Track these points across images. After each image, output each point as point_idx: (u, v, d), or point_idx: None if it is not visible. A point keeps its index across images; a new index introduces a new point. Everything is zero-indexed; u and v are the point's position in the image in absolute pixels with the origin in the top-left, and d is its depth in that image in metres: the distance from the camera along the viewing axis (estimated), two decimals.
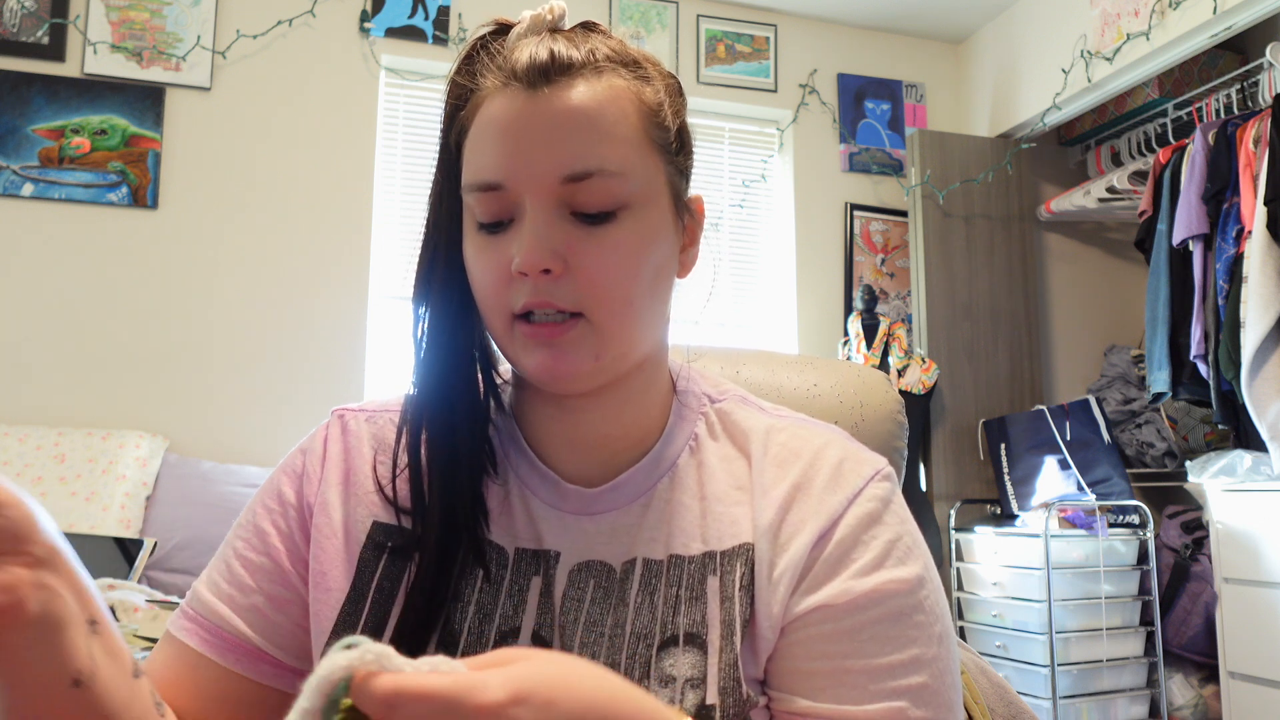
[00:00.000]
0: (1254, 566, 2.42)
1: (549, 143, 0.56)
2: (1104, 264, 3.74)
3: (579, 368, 0.57)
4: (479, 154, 0.58)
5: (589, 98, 0.57)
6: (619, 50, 0.60)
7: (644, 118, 0.59)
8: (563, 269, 0.56)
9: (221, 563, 0.65)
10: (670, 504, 0.62)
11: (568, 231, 0.56)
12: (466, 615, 0.59)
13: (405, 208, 3.09)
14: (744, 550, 0.59)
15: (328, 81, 3.00)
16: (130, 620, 1.39)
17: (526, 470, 0.64)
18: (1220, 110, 2.91)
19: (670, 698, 0.56)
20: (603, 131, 0.56)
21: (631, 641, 0.58)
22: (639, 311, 0.58)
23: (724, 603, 0.58)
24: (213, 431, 2.75)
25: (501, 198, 0.57)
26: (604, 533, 0.62)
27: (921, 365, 3.14)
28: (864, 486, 0.60)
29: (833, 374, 0.95)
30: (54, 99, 2.76)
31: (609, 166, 0.56)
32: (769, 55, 3.49)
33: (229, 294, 2.84)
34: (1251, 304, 2.44)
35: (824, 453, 0.62)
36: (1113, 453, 3.01)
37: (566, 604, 0.60)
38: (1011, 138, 3.50)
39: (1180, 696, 2.83)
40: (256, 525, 0.65)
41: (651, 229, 0.59)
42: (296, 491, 0.65)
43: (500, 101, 0.57)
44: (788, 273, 3.43)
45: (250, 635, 0.62)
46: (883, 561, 0.57)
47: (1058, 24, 3.22)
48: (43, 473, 2.35)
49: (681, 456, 0.64)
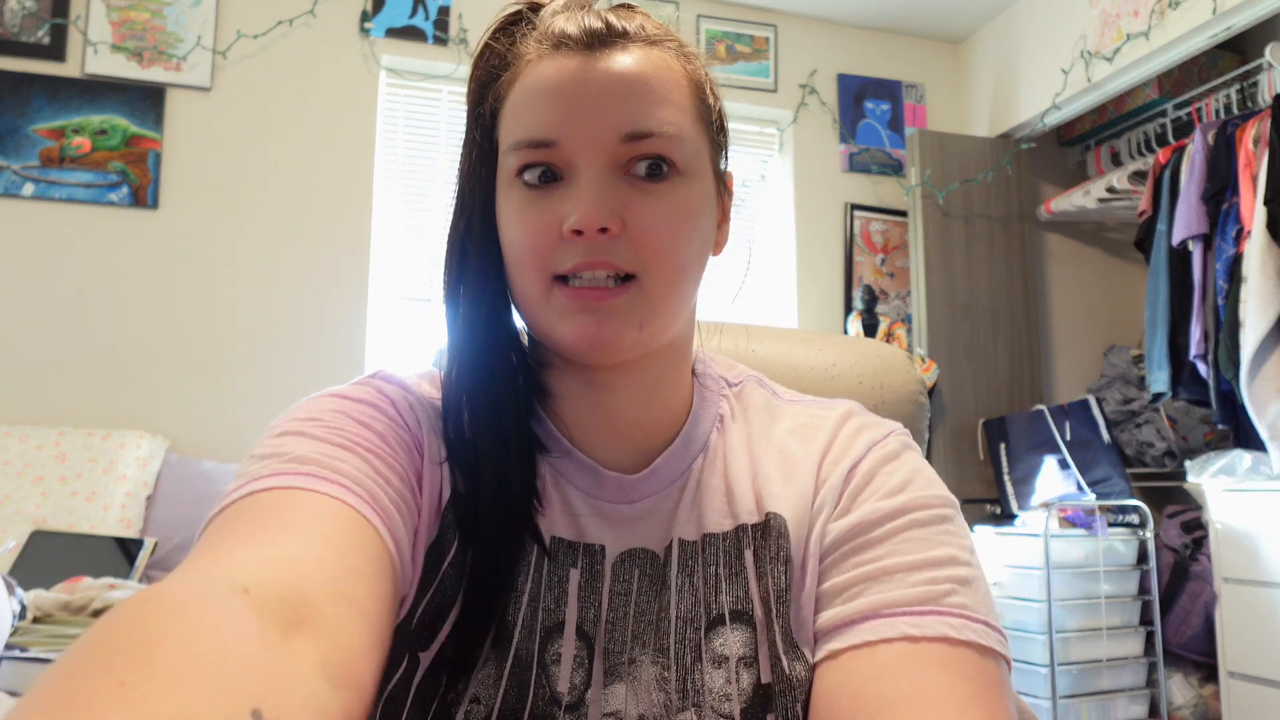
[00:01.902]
0: (1254, 566, 2.42)
1: (608, 102, 0.55)
2: (1104, 264, 3.74)
3: (622, 337, 0.55)
4: (529, 113, 0.56)
5: (646, 62, 0.57)
6: (664, 28, 0.60)
7: (694, 91, 0.59)
8: (620, 228, 0.54)
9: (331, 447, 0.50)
10: (702, 484, 0.61)
11: (623, 192, 0.55)
12: (520, 607, 0.57)
13: (406, 208, 3.10)
14: (772, 521, 0.59)
15: (328, 81, 3.01)
16: None
17: (560, 457, 0.61)
18: (1220, 110, 2.91)
19: (726, 678, 0.55)
20: (660, 96, 0.56)
21: (679, 626, 0.57)
22: (687, 278, 0.58)
23: (760, 578, 0.58)
24: (213, 431, 2.75)
25: (553, 154, 0.55)
26: (643, 519, 0.60)
27: (921, 365, 3.14)
28: (882, 438, 0.61)
29: (852, 352, 0.91)
30: (54, 99, 2.76)
31: (666, 130, 0.56)
32: (769, 55, 3.49)
33: (229, 294, 2.84)
34: (1251, 304, 2.44)
35: (844, 424, 0.63)
36: (1112, 452, 3.01)
37: (615, 599, 0.58)
38: (1011, 138, 3.50)
39: (1180, 696, 2.84)
40: (359, 419, 0.53)
41: (699, 199, 0.58)
42: (395, 412, 0.57)
43: (553, 64, 0.56)
44: (788, 272, 3.43)
45: (398, 526, 0.50)
46: (908, 484, 0.58)
47: (1057, 24, 3.22)
48: (43, 473, 2.36)
49: (711, 436, 0.63)
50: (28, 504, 2.27)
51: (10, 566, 1.83)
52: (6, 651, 1.14)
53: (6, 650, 1.15)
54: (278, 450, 0.49)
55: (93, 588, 1.52)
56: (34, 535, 1.93)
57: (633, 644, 0.57)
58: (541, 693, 0.56)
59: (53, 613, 1.43)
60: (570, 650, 0.57)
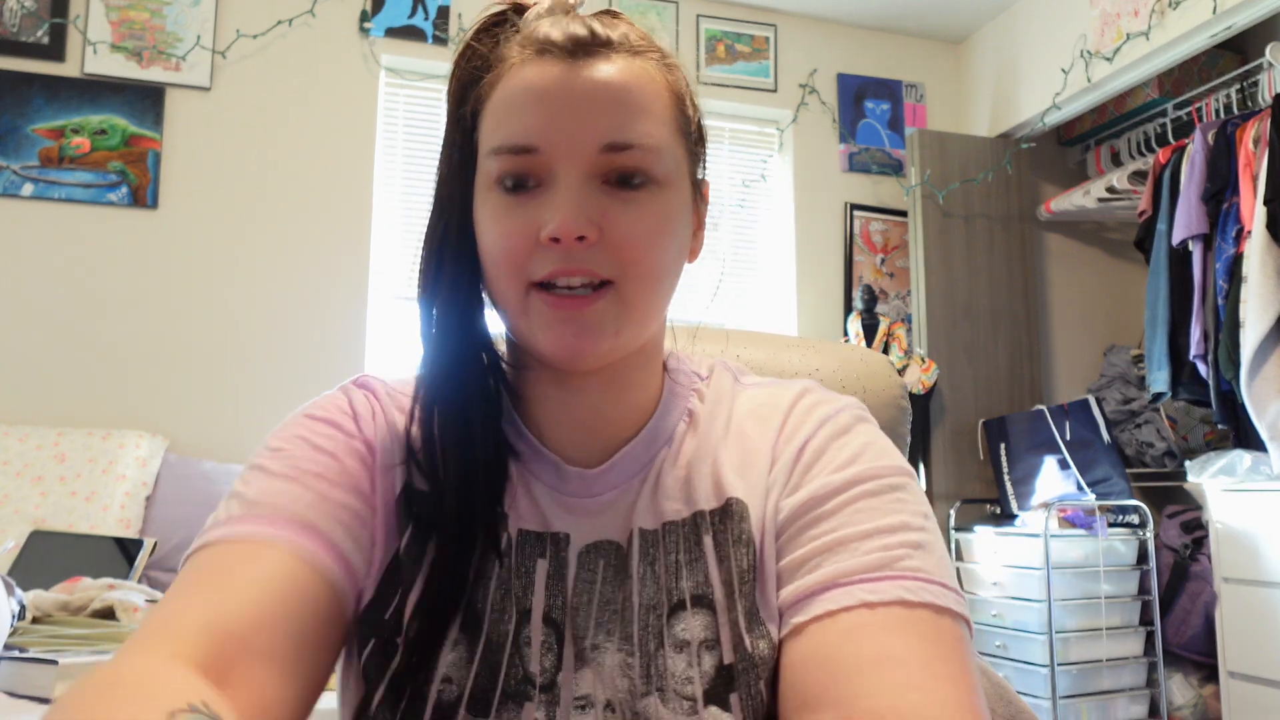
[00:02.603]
0: (1254, 566, 2.42)
1: (591, 111, 0.55)
2: (1104, 264, 3.74)
3: (599, 344, 0.57)
4: (510, 118, 0.57)
5: (628, 74, 0.57)
6: (648, 38, 0.61)
7: (674, 103, 0.60)
8: (597, 236, 0.55)
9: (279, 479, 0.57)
10: (660, 475, 0.63)
11: (601, 200, 0.56)
12: (489, 593, 0.59)
13: (405, 207, 3.10)
14: (731, 505, 0.60)
15: (328, 81, 3.01)
16: (130, 620, 1.39)
17: (527, 453, 0.63)
18: (1220, 110, 2.91)
19: (688, 661, 0.56)
20: (641, 107, 0.57)
21: (642, 613, 0.58)
22: (663, 286, 0.59)
23: (721, 562, 0.59)
24: (213, 431, 2.75)
25: (532, 162, 0.56)
26: (606, 512, 0.62)
27: (921, 365, 3.14)
28: (834, 414, 0.63)
29: (834, 357, 0.94)
30: (54, 99, 2.76)
31: (646, 142, 0.56)
32: (769, 55, 3.49)
33: (229, 294, 2.84)
34: (1251, 304, 2.44)
35: (798, 402, 0.65)
36: (1112, 452, 3.01)
37: (579, 586, 0.60)
38: (1011, 138, 3.50)
39: (1180, 696, 2.84)
40: (315, 445, 0.59)
41: (675, 209, 0.59)
42: (353, 419, 0.61)
43: (536, 69, 0.57)
44: (788, 272, 3.43)
45: (327, 528, 0.55)
46: (858, 456, 0.59)
47: (1057, 24, 3.22)
48: (43, 473, 2.35)
49: (678, 429, 0.64)
50: (27, 504, 2.27)
51: (9, 567, 1.83)
52: (5, 652, 1.14)
53: (5, 650, 1.15)
54: (241, 490, 0.57)
55: (92, 588, 1.52)
56: (33, 535, 1.93)
57: (596, 631, 0.58)
58: (514, 672, 0.57)
59: (52, 613, 1.43)
60: (539, 636, 0.58)
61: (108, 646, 1.23)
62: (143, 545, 1.93)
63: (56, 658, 1.06)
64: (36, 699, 1.03)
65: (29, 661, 1.07)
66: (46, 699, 1.02)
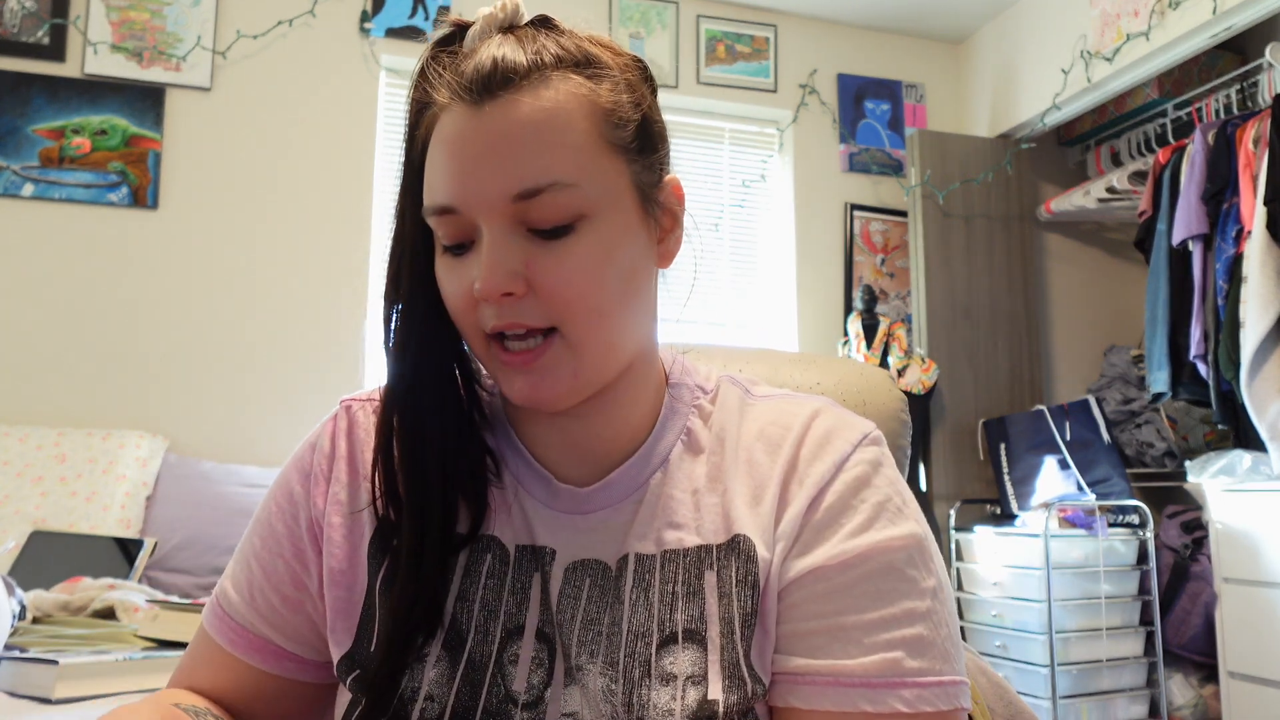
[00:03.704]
0: (1254, 566, 2.42)
1: (496, 162, 0.54)
2: (1104, 264, 3.74)
3: (558, 389, 0.57)
4: (433, 176, 0.56)
5: (534, 109, 0.54)
6: (570, 49, 0.57)
7: (596, 121, 0.56)
8: (525, 289, 0.55)
9: (242, 558, 0.67)
10: (662, 498, 0.62)
11: (526, 250, 0.55)
12: (473, 614, 0.60)
13: None
14: (740, 543, 0.59)
15: (328, 81, 3.01)
16: (130, 620, 1.39)
17: (522, 469, 0.64)
18: (1220, 110, 2.91)
19: (672, 695, 0.55)
20: (550, 143, 0.54)
21: (630, 640, 0.58)
22: (613, 321, 0.57)
23: (722, 599, 0.58)
24: (213, 431, 2.75)
25: (458, 221, 0.56)
26: (597, 530, 0.61)
27: (921, 365, 3.14)
28: (851, 452, 0.60)
29: (835, 372, 0.95)
30: (54, 99, 2.76)
31: (560, 179, 0.54)
32: (769, 55, 3.49)
33: (229, 294, 2.84)
34: (1251, 304, 2.44)
35: (812, 426, 0.62)
36: (1112, 453, 3.01)
37: (563, 601, 0.60)
38: (1011, 138, 3.50)
39: (1180, 696, 2.84)
40: (270, 523, 0.66)
41: (615, 235, 0.57)
42: (305, 491, 0.65)
43: (449, 120, 0.56)
44: (788, 273, 3.43)
45: (271, 634, 0.65)
46: (873, 522, 0.58)
47: (1057, 24, 3.22)
48: (43, 473, 2.35)
49: (674, 450, 0.63)
50: (27, 504, 2.27)
51: (10, 567, 1.83)
52: (6, 652, 1.14)
53: (6, 650, 1.15)
54: (233, 566, 0.68)
55: (92, 588, 1.52)
56: (33, 535, 1.93)
57: (579, 651, 0.58)
58: (496, 691, 0.58)
59: (52, 613, 1.43)
60: (529, 651, 0.59)
61: (108, 646, 1.23)
62: (143, 545, 1.93)
63: (57, 658, 1.06)
64: (37, 699, 1.03)
65: (29, 661, 1.07)
66: (47, 699, 1.02)
